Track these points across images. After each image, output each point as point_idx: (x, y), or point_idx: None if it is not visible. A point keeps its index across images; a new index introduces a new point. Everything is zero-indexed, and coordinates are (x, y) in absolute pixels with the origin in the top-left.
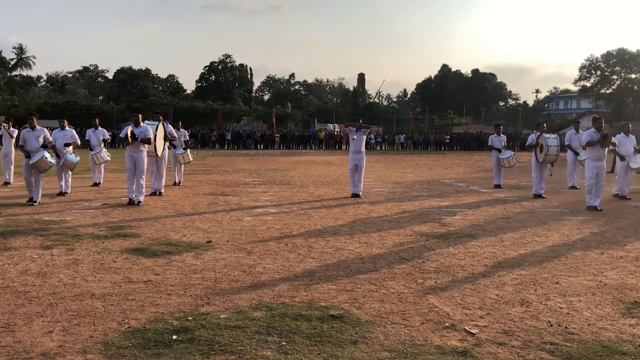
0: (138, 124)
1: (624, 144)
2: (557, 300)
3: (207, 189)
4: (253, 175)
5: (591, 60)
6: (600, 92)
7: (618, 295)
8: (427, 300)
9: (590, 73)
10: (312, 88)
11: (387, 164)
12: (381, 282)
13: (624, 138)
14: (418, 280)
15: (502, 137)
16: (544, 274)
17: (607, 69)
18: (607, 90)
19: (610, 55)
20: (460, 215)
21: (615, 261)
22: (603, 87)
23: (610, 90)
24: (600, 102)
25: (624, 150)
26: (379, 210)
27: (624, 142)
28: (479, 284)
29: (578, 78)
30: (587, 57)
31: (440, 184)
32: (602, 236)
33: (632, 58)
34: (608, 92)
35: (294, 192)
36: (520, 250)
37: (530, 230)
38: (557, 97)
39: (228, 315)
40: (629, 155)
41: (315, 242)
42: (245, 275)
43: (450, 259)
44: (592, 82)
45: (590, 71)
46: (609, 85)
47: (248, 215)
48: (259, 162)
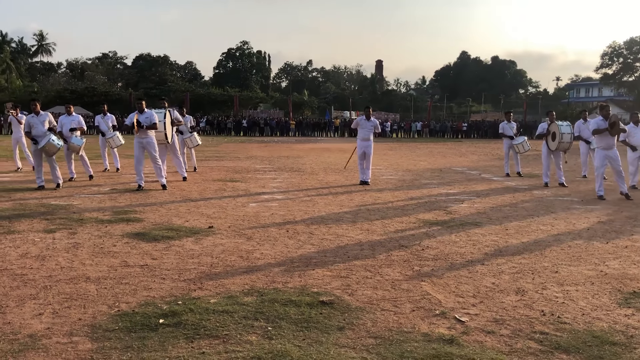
0: (142, 110)
1: (634, 134)
2: (554, 290)
3: (217, 175)
4: (265, 162)
5: (613, 47)
6: (622, 79)
7: (617, 285)
8: (420, 288)
9: (612, 60)
10: (330, 75)
11: (401, 151)
12: (377, 268)
13: (634, 128)
14: (414, 268)
15: (513, 124)
16: (544, 263)
17: (630, 56)
18: (630, 77)
19: (634, 42)
20: (467, 203)
21: (620, 251)
22: (625, 75)
23: (633, 77)
24: (622, 90)
25: (634, 140)
26: (386, 197)
27: (634, 133)
28: (476, 272)
29: (600, 65)
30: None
31: (452, 171)
32: (610, 225)
33: None
34: (630, 80)
35: (303, 179)
36: (524, 239)
37: (537, 218)
38: (578, 85)
39: (218, 300)
40: (639, 146)
41: (316, 229)
42: (241, 260)
43: (450, 247)
44: (614, 69)
45: (612, 58)
46: (631, 72)
47: (254, 201)
48: (272, 149)
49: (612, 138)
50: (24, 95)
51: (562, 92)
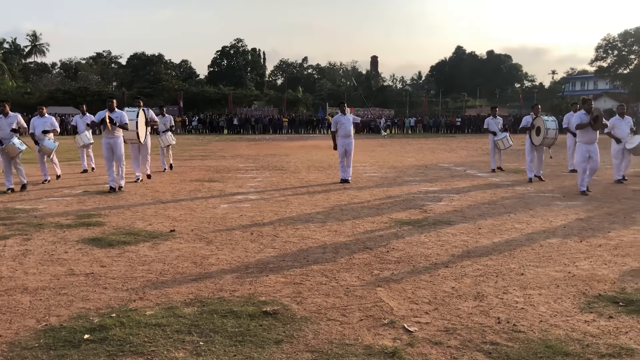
0: (112, 109)
1: (619, 127)
2: (516, 294)
3: (196, 174)
4: (249, 160)
5: (608, 40)
6: (617, 72)
7: (583, 288)
8: (375, 294)
9: (607, 53)
10: (325, 72)
11: (391, 147)
12: (335, 273)
13: (619, 120)
14: (374, 272)
15: (499, 120)
16: (511, 264)
17: (625, 49)
18: (625, 70)
19: (628, 35)
20: (445, 201)
21: (592, 250)
22: (620, 67)
23: (628, 70)
24: (617, 82)
25: (619, 132)
26: (363, 196)
27: (619, 125)
28: (438, 275)
29: (594, 58)
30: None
31: (438, 168)
32: (588, 222)
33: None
34: (625, 73)
35: (283, 178)
36: (495, 239)
37: (513, 216)
38: (574, 78)
39: (155, 311)
40: (624, 138)
41: (283, 231)
42: (194, 267)
43: (416, 248)
44: (609, 62)
45: (606, 51)
46: (626, 65)
47: (226, 202)
48: (261, 147)
49: (594, 132)
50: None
51: (558, 85)
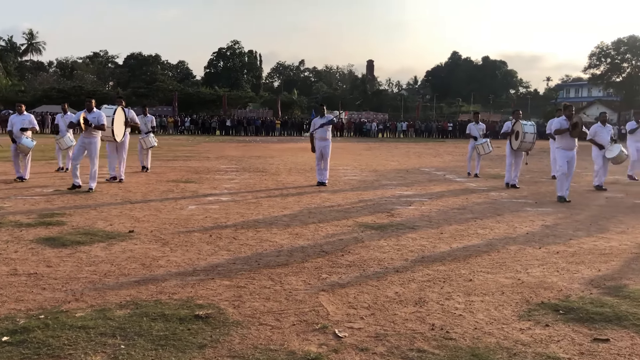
0: (91, 109)
1: (601, 134)
2: (458, 300)
3: (174, 175)
4: (233, 162)
5: (601, 48)
6: (610, 80)
7: (528, 295)
8: (316, 299)
9: (600, 61)
10: (322, 75)
11: (378, 151)
12: (282, 277)
13: (601, 128)
14: (322, 276)
15: (481, 126)
16: (462, 270)
17: (618, 57)
18: (618, 78)
19: (621, 43)
20: (415, 205)
21: (549, 257)
22: (613, 75)
23: (621, 78)
24: (610, 90)
25: (600, 139)
26: (336, 199)
27: (601, 132)
28: (385, 280)
29: (588, 66)
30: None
31: (418, 172)
32: (552, 229)
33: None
34: (618, 81)
35: (261, 180)
36: (454, 244)
37: (479, 222)
38: (568, 85)
39: (86, 313)
40: (605, 146)
41: (243, 233)
42: (141, 268)
43: (372, 252)
44: (602, 69)
45: (600, 59)
46: (619, 73)
47: (195, 203)
48: (248, 149)
49: (573, 139)
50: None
51: (553, 92)
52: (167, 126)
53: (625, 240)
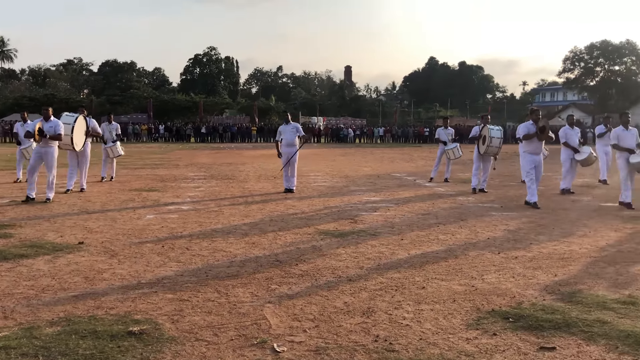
0: (48, 118)
1: (570, 137)
2: (407, 309)
3: (139, 184)
4: (202, 169)
5: (575, 52)
6: (584, 84)
7: (480, 303)
8: (260, 311)
9: (574, 65)
10: (300, 81)
11: (352, 157)
12: (230, 289)
13: (570, 130)
14: (272, 287)
15: (450, 130)
16: (417, 278)
17: (591, 61)
18: (592, 82)
19: (594, 47)
20: (381, 211)
21: (507, 262)
22: (587, 79)
23: (594, 82)
24: (584, 94)
25: (572, 142)
26: (301, 206)
27: (570, 135)
28: (336, 289)
29: (562, 70)
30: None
31: (389, 177)
32: (514, 234)
33: (615, 50)
34: (592, 84)
35: (227, 187)
36: (413, 250)
37: (442, 227)
38: (544, 89)
39: (11, 332)
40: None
41: (198, 243)
42: (84, 282)
43: (328, 261)
44: (576, 74)
45: (574, 63)
46: (592, 77)
47: (154, 213)
48: (221, 156)
49: (540, 143)
50: None
51: (529, 96)
52: (141, 134)
53: (586, 244)
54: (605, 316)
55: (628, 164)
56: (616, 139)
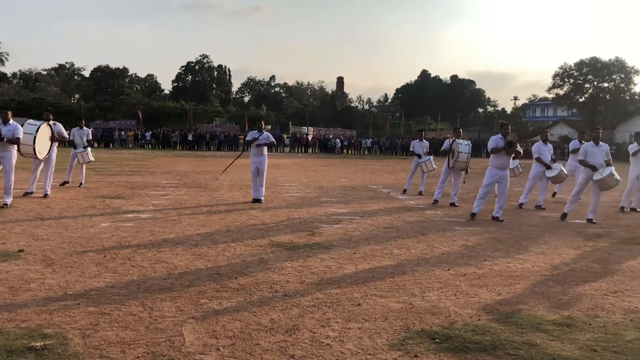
0: (6, 121)
1: (543, 152)
2: (334, 327)
3: (107, 190)
4: (177, 177)
5: (564, 69)
6: (573, 100)
7: (412, 321)
8: (180, 327)
9: (564, 81)
10: (293, 91)
11: (335, 168)
12: (157, 303)
13: (543, 146)
14: (202, 301)
15: (425, 143)
16: (355, 294)
17: (580, 78)
18: (580, 98)
19: (583, 64)
20: (343, 223)
21: (453, 279)
22: (576, 95)
23: (583, 98)
24: (574, 110)
25: (544, 158)
26: (263, 217)
27: (543, 151)
28: (268, 305)
29: (551, 86)
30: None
31: (364, 189)
32: (471, 250)
33: (604, 67)
34: (581, 101)
35: (196, 196)
36: (362, 265)
37: (400, 241)
38: (535, 105)
39: None
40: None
41: (142, 254)
42: (6, 292)
43: (270, 275)
44: (566, 90)
45: (563, 79)
46: (581, 93)
47: (111, 220)
48: (202, 164)
49: (508, 158)
50: None
51: (520, 111)
52: (127, 140)
53: (540, 262)
54: (536, 338)
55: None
56: (584, 155)
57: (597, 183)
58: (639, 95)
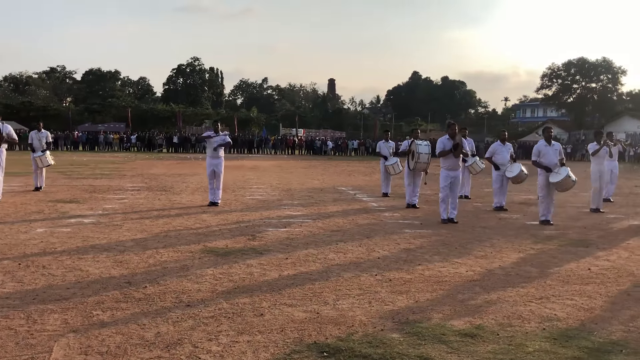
0: None
1: (500, 153)
2: (222, 341)
3: (64, 195)
4: (145, 180)
5: (552, 69)
6: (561, 100)
7: (309, 333)
8: (54, 342)
9: (552, 81)
10: (285, 93)
11: (313, 169)
12: (44, 315)
13: (500, 146)
14: (95, 312)
15: (391, 144)
16: (264, 303)
17: (568, 78)
18: (569, 99)
19: (571, 64)
20: (291, 227)
21: (375, 285)
22: (564, 96)
23: (572, 99)
24: (562, 110)
25: (500, 159)
26: (211, 221)
27: (500, 151)
28: (163, 316)
29: (540, 86)
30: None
31: (332, 191)
32: (410, 253)
33: (592, 68)
34: (569, 101)
35: (153, 200)
36: (287, 271)
37: (340, 245)
38: (525, 105)
39: None
40: (504, 165)
41: (61, 261)
42: None
43: (183, 283)
44: (554, 90)
45: (551, 79)
46: (569, 94)
47: (50, 226)
48: (178, 167)
49: (457, 159)
50: None
51: (510, 112)
52: (113, 142)
53: (477, 266)
54: (433, 351)
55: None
56: (537, 155)
57: (554, 185)
58: (627, 95)
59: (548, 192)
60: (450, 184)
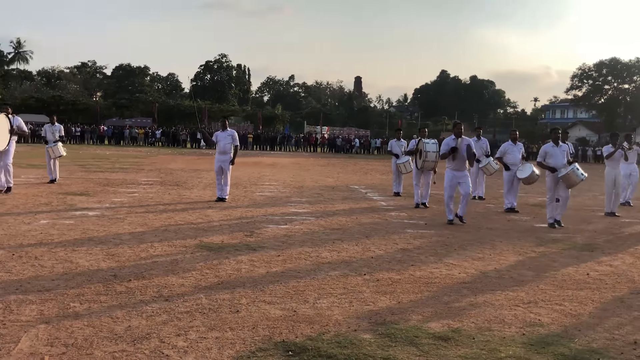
0: None
1: (511, 152)
2: (189, 337)
3: (77, 187)
4: (161, 175)
5: (583, 70)
6: (592, 101)
7: (280, 331)
8: (23, 333)
9: (582, 82)
10: (311, 90)
11: (331, 167)
12: (21, 306)
13: (512, 146)
14: (72, 304)
15: (402, 142)
16: (243, 299)
17: (599, 79)
18: (600, 100)
19: (603, 65)
20: (292, 224)
21: (362, 285)
22: (595, 97)
23: (603, 100)
24: (593, 112)
25: (511, 159)
26: (215, 216)
27: (511, 151)
28: (138, 310)
29: (570, 87)
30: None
31: (344, 189)
32: (406, 253)
33: (625, 68)
34: (600, 102)
35: (163, 194)
36: (277, 268)
37: (337, 244)
38: (554, 106)
39: None
40: (515, 165)
41: (55, 253)
42: None
43: (168, 278)
44: (584, 91)
45: (582, 80)
46: (601, 95)
47: (55, 217)
48: (198, 162)
49: (462, 160)
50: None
51: (540, 112)
52: (138, 137)
53: (471, 268)
54: (402, 353)
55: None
56: (544, 157)
57: (562, 179)
58: None
59: (555, 193)
60: (457, 184)
